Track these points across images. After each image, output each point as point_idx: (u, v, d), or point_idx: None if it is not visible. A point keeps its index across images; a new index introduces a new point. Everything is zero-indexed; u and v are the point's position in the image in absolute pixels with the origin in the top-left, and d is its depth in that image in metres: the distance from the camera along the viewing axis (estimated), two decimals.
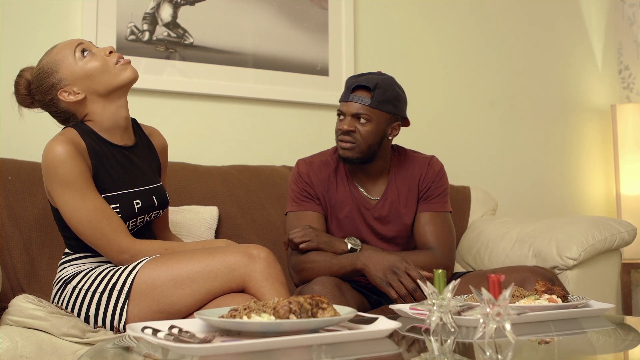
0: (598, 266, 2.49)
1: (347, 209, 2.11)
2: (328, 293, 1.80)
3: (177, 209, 2.31)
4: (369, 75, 2.06)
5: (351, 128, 2.02)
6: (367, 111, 2.02)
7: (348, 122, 2.02)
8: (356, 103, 2.02)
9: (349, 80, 2.07)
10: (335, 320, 1.27)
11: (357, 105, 2.02)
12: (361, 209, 2.11)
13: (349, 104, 2.03)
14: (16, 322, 1.62)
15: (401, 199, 2.13)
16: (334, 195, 2.12)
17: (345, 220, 2.11)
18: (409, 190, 2.13)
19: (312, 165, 2.15)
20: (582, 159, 3.74)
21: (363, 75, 2.07)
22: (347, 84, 2.06)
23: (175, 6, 2.70)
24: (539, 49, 3.64)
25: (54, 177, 1.71)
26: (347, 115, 2.03)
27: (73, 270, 1.78)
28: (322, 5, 2.99)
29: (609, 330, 1.54)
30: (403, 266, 1.84)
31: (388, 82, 2.04)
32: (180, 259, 1.67)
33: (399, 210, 2.12)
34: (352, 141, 2.03)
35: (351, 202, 2.11)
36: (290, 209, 2.12)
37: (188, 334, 1.21)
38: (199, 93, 2.74)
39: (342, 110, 2.05)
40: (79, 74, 1.78)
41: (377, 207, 2.12)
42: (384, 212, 2.12)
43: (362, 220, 2.11)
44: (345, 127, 2.02)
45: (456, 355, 1.21)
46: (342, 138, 2.04)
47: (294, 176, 2.15)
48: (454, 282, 1.28)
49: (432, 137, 3.19)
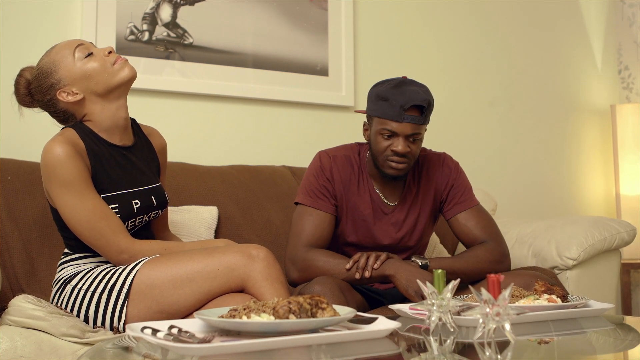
0: (597, 266, 2.50)
1: (366, 212, 2.07)
2: (328, 293, 1.80)
3: (177, 209, 2.31)
4: (409, 87, 1.96)
5: (406, 150, 1.95)
6: (419, 130, 1.96)
7: (403, 144, 1.94)
8: (412, 124, 1.93)
9: (396, 96, 1.93)
10: (335, 320, 1.27)
11: (413, 126, 1.94)
12: (379, 213, 2.08)
13: (404, 125, 1.93)
14: (16, 322, 1.62)
15: (419, 204, 2.10)
16: (354, 195, 2.08)
17: (361, 222, 2.08)
18: (427, 194, 2.11)
19: (336, 160, 2.08)
20: (582, 159, 3.74)
21: (402, 86, 1.96)
22: (397, 101, 1.92)
23: (175, 6, 2.70)
24: (539, 50, 3.64)
25: (53, 177, 1.71)
26: (401, 136, 1.94)
27: (72, 271, 1.78)
28: (322, 5, 2.99)
29: (608, 331, 1.54)
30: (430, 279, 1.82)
31: (430, 95, 1.99)
32: (179, 259, 1.67)
33: (416, 215, 2.10)
34: (406, 162, 1.98)
35: (370, 205, 2.08)
36: (304, 202, 2.05)
37: (187, 334, 1.21)
38: (199, 93, 2.74)
39: (395, 130, 1.94)
40: (77, 74, 1.78)
41: (394, 211, 2.09)
42: (401, 217, 2.09)
43: (379, 224, 2.08)
44: (401, 148, 1.94)
45: (456, 355, 1.21)
46: (396, 159, 1.96)
47: (315, 169, 2.08)
48: (454, 282, 1.28)
49: (432, 138, 3.17)
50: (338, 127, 2.98)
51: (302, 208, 2.06)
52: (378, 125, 1.97)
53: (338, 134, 2.79)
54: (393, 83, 1.98)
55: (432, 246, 2.68)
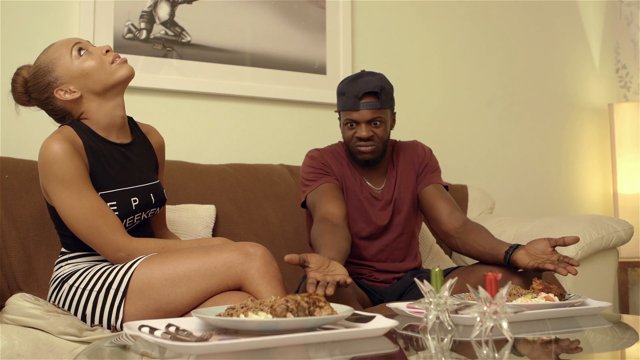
0: (595, 265, 2.50)
1: (361, 195, 2.18)
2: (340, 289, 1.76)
3: (175, 207, 2.31)
4: (363, 78, 2.10)
5: (370, 134, 2.09)
6: (379, 114, 2.09)
7: (365, 129, 2.09)
8: (368, 110, 2.08)
9: (351, 88, 2.09)
10: (332, 318, 1.27)
11: (370, 111, 2.08)
12: (370, 197, 2.18)
13: (361, 112, 2.08)
14: (13, 320, 1.62)
15: (403, 183, 2.21)
16: (349, 179, 2.19)
17: (359, 205, 2.17)
18: (407, 172, 2.23)
19: (325, 152, 2.23)
20: (580, 158, 3.75)
21: (357, 79, 2.10)
22: (351, 92, 2.08)
23: (173, 5, 2.70)
24: (537, 49, 3.64)
25: (51, 174, 1.71)
26: (362, 123, 2.09)
27: (70, 269, 1.78)
28: (320, 4, 2.99)
29: (605, 329, 1.54)
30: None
31: (385, 81, 2.13)
32: (176, 257, 1.67)
33: (403, 194, 2.20)
34: (372, 145, 2.11)
35: (361, 192, 2.18)
36: (309, 190, 2.13)
37: (185, 333, 1.21)
38: (197, 91, 2.74)
39: (354, 118, 2.09)
40: (75, 72, 1.78)
41: (383, 194, 2.19)
42: (389, 197, 2.19)
43: (373, 207, 2.17)
44: (364, 134, 2.08)
45: (453, 354, 1.21)
46: (361, 144, 2.11)
47: (306, 163, 2.20)
48: (451, 281, 1.28)
49: (430, 136, 3.18)
50: (336, 126, 2.97)
51: (309, 196, 2.12)
52: (342, 117, 2.14)
53: (336, 132, 2.78)
54: (349, 78, 2.14)
55: (429, 247, 2.68)
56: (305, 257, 1.65)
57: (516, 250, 1.86)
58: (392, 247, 2.18)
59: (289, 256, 1.62)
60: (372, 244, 2.17)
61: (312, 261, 1.65)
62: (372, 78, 2.10)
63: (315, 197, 2.10)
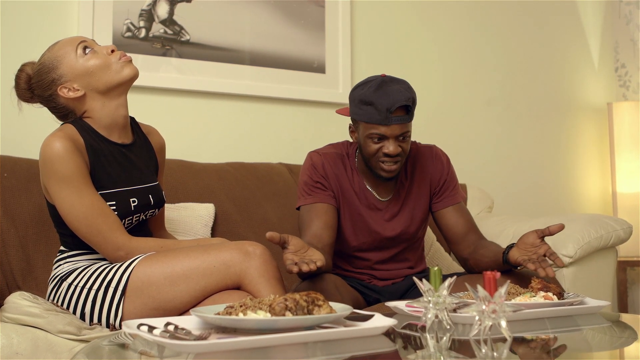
0: (594, 264, 2.50)
1: (361, 207, 2.08)
2: (323, 289, 1.79)
3: (174, 206, 2.31)
4: (391, 87, 1.92)
5: (398, 150, 1.94)
6: (407, 128, 1.95)
7: (394, 145, 1.92)
8: (399, 124, 1.91)
9: (381, 99, 1.89)
10: (331, 317, 1.27)
11: (400, 126, 1.92)
12: (372, 209, 2.08)
13: (392, 127, 1.91)
14: (12, 319, 1.62)
15: (413, 196, 2.11)
16: (348, 190, 2.08)
17: (358, 217, 2.08)
18: (422, 185, 2.12)
19: (327, 157, 2.08)
20: (579, 157, 3.75)
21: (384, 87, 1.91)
22: (382, 104, 1.89)
23: (172, 3, 2.70)
24: (536, 48, 3.64)
25: (51, 172, 1.71)
26: (391, 138, 1.92)
27: (69, 268, 1.78)
28: (319, 2, 2.99)
29: (604, 328, 1.54)
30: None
31: (412, 89, 1.97)
32: (175, 256, 1.67)
33: (411, 207, 2.11)
34: (399, 161, 1.97)
35: (364, 201, 2.08)
36: (304, 202, 2.05)
37: (184, 331, 1.21)
38: (196, 90, 2.73)
39: (383, 132, 1.91)
40: (79, 70, 1.78)
41: (388, 207, 2.09)
42: (395, 210, 2.09)
43: (374, 219, 2.08)
44: (393, 149, 1.92)
45: (452, 353, 1.21)
46: (387, 160, 1.95)
47: (307, 168, 2.07)
48: (450, 280, 1.28)
49: (429, 136, 3.18)
50: (335, 125, 2.98)
51: (303, 209, 2.06)
52: (366, 130, 1.94)
53: (335, 131, 2.79)
54: (374, 85, 1.93)
55: (429, 244, 2.68)
56: (286, 238, 1.64)
57: (511, 248, 1.86)
58: (396, 258, 2.13)
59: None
60: (374, 255, 2.11)
61: (291, 242, 1.65)
62: (401, 87, 1.92)
63: (307, 215, 2.01)
